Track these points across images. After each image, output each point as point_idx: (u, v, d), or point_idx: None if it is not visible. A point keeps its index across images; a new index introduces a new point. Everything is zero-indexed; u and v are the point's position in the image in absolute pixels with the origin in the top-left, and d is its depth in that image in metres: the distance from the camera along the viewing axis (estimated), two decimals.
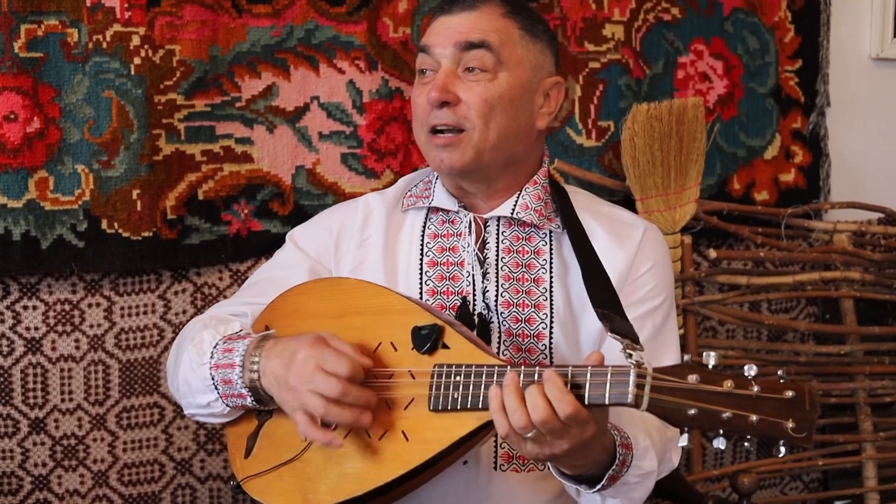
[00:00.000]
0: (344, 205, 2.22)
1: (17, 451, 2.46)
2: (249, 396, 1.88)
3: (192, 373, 1.95)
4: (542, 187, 2.05)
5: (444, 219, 2.07)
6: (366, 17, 2.61)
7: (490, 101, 1.94)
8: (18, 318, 2.43)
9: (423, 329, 1.81)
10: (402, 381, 1.81)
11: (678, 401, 1.56)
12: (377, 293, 1.91)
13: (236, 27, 2.51)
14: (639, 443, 1.84)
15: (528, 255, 2.02)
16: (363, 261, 2.08)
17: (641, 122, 2.73)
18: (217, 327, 1.98)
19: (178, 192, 2.49)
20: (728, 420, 1.54)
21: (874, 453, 3.05)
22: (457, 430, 1.74)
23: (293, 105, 2.57)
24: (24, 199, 2.38)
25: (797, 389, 1.54)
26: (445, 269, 2.03)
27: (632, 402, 1.58)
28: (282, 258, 2.17)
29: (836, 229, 3.01)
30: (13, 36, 2.35)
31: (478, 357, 1.77)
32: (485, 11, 1.98)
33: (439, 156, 1.98)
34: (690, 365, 1.58)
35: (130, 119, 2.44)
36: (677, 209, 2.79)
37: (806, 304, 3.08)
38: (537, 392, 1.62)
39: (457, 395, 1.74)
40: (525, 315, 1.99)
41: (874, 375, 3.05)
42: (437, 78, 1.96)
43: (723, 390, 1.54)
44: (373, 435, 1.80)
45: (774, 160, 3.02)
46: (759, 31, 2.97)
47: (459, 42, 1.96)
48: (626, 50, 2.82)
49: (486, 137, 1.95)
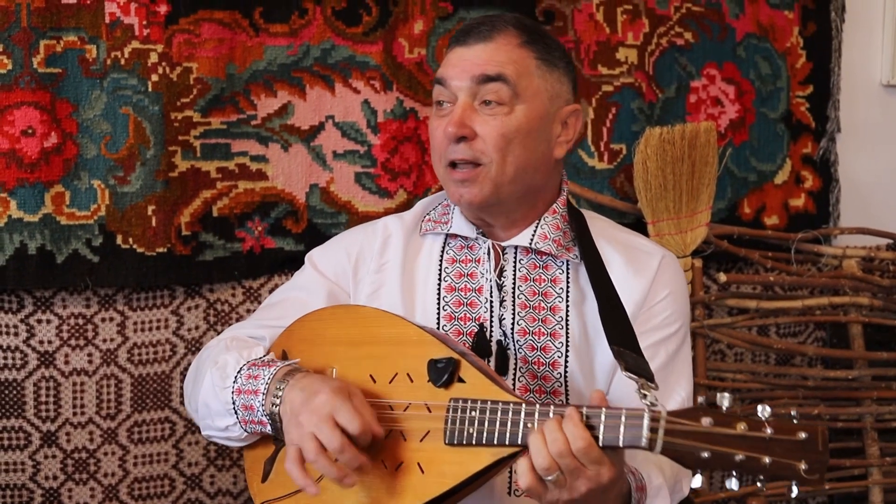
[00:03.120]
0: (363, 227, 2.21)
1: (29, 464, 2.47)
2: (269, 424, 1.88)
3: (214, 396, 1.95)
4: (560, 216, 2.05)
5: (462, 244, 2.07)
6: (382, 37, 2.62)
7: (507, 136, 1.94)
8: (32, 332, 2.45)
9: (439, 363, 1.81)
10: (418, 413, 1.81)
11: (692, 443, 1.56)
12: (394, 323, 1.92)
13: (253, 46, 2.53)
14: (652, 482, 1.85)
15: (545, 283, 2.02)
16: (381, 285, 2.07)
17: (654, 145, 2.74)
18: (241, 351, 1.97)
19: (193, 209, 2.51)
20: (741, 462, 1.54)
21: (881, 478, 3.05)
22: (472, 465, 1.75)
23: (308, 124, 2.59)
24: (40, 213, 2.39)
25: (810, 431, 1.54)
26: (463, 294, 2.03)
27: (645, 445, 1.59)
28: (301, 280, 2.16)
29: (846, 255, 3.01)
30: (32, 51, 2.37)
31: (493, 392, 1.77)
32: (501, 42, 1.97)
33: (458, 191, 1.98)
34: (704, 408, 1.58)
35: (147, 135, 2.45)
36: (688, 233, 2.80)
37: (814, 328, 3.09)
38: (555, 426, 1.64)
39: (472, 430, 1.74)
40: (541, 343, 1.99)
41: (881, 400, 3.05)
42: (455, 113, 1.95)
43: (736, 433, 1.55)
44: (389, 466, 1.81)
45: (785, 185, 3.03)
46: (772, 57, 2.98)
47: (475, 75, 1.95)
48: (640, 73, 2.84)
49: (503, 171, 1.95)
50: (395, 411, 1.83)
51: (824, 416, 3.00)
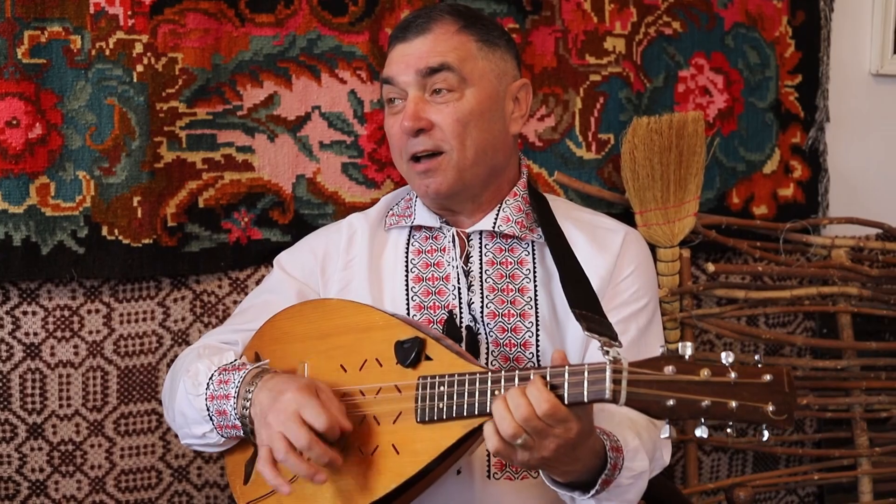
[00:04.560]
0: (327, 228, 2.26)
1: (15, 457, 2.47)
2: (241, 428, 1.90)
3: (189, 404, 1.97)
4: (522, 198, 2.09)
5: (427, 235, 2.11)
6: (368, 27, 2.61)
7: (462, 120, 1.98)
8: (18, 324, 2.44)
9: (405, 343, 1.84)
10: (389, 395, 1.83)
11: (656, 393, 1.57)
12: (359, 311, 1.94)
13: (239, 36, 2.52)
14: (629, 444, 1.86)
15: (511, 265, 2.06)
16: (350, 281, 2.11)
17: (641, 135, 2.74)
18: (212, 357, 1.99)
19: (179, 200, 2.50)
20: (707, 408, 1.55)
21: (870, 468, 3.05)
22: (444, 441, 1.77)
23: (294, 114, 2.58)
24: (25, 204, 2.39)
25: (775, 373, 1.55)
26: (431, 283, 2.06)
27: (609, 397, 1.59)
28: (270, 283, 2.20)
29: (835, 244, 3.01)
30: (16, 42, 2.36)
31: (460, 366, 1.79)
32: (438, 32, 2.01)
33: (424, 182, 2.02)
34: (666, 357, 1.59)
35: (132, 126, 2.44)
36: (676, 223, 2.80)
37: (803, 318, 3.09)
38: (518, 392, 1.65)
39: (441, 405, 1.76)
40: (511, 325, 2.02)
41: (871, 390, 3.05)
42: (407, 107, 1.99)
43: (700, 379, 1.55)
44: (364, 451, 1.82)
45: (773, 175, 3.03)
46: (760, 46, 2.98)
47: (420, 69, 1.99)
48: (627, 63, 2.83)
49: (464, 156, 1.99)
50: (367, 396, 1.85)
51: (813, 406, 3.00)
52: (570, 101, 2.78)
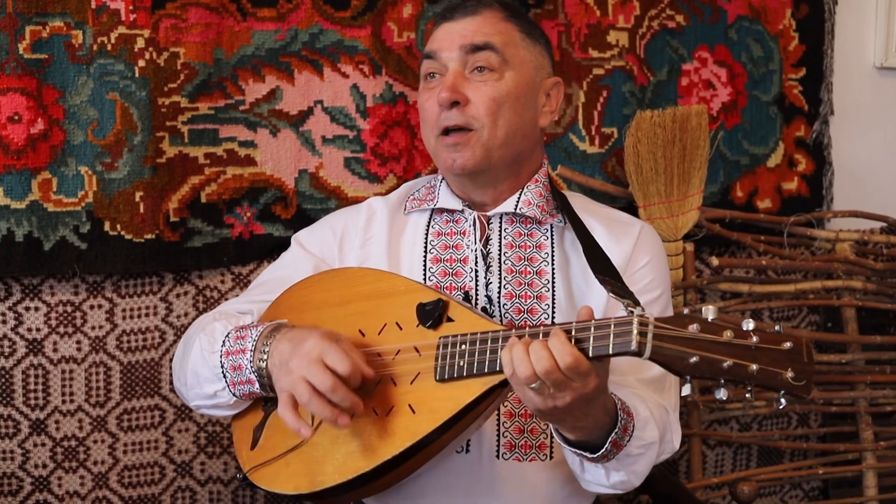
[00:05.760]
0: (347, 209, 2.27)
1: (18, 452, 2.46)
2: (257, 381, 1.90)
3: (203, 361, 1.97)
4: (543, 185, 2.12)
5: (448, 219, 2.12)
6: (370, 21, 2.61)
7: (498, 100, 2.02)
8: (20, 320, 2.44)
9: (427, 305, 1.84)
10: (407, 356, 1.84)
11: (680, 349, 1.57)
12: (380, 277, 1.96)
13: (241, 30, 2.52)
14: (639, 413, 1.87)
15: (530, 249, 2.08)
16: (367, 259, 2.12)
17: (645, 128, 2.73)
18: (229, 319, 2.02)
19: (181, 195, 2.49)
20: (729, 369, 1.56)
21: (874, 462, 3.04)
22: (463, 398, 1.77)
23: (297, 109, 2.57)
24: (27, 200, 2.38)
25: (795, 341, 1.57)
26: (449, 265, 2.08)
27: (635, 349, 1.59)
28: (287, 259, 2.21)
29: (839, 238, 3.00)
30: (18, 37, 2.35)
31: (482, 326, 1.79)
32: (486, 16, 2.06)
33: (451, 156, 2.04)
34: (691, 316, 1.60)
35: (134, 121, 2.44)
36: (680, 216, 2.79)
37: (808, 312, 3.08)
38: (541, 345, 1.65)
39: (462, 362, 1.77)
40: (528, 306, 2.03)
41: (875, 384, 3.04)
42: (447, 79, 2.03)
43: (723, 340, 1.57)
44: (380, 412, 1.82)
45: (777, 168, 3.02)
46: (764, 39, 2.97)
47: (465, 45, 2.03)
48: (631, 57, 2.82)
49: (494, 135, 2.02)
50: (385, 357, 1.85)
51: (818, 401, 3.00)
52: (574, 94, 2.77)
